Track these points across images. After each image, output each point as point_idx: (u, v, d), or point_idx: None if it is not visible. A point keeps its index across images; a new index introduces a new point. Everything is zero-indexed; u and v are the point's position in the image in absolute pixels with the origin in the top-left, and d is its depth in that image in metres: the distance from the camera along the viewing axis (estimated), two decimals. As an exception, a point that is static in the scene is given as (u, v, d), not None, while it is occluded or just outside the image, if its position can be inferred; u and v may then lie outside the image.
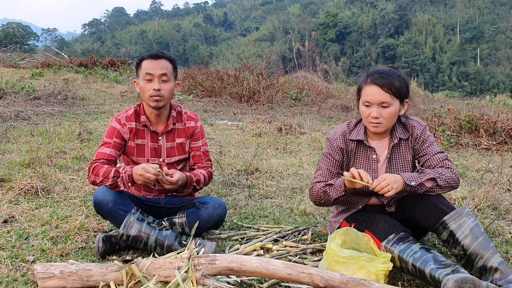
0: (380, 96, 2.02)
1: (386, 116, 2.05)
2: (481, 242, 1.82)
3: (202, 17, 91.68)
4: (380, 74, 2.06)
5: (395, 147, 2.17)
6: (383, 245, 1.92)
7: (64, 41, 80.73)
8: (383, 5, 71.67)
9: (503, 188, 3.44)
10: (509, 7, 64.62)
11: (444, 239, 1.91)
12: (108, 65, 14.20)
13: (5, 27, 46.60)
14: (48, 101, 7.27)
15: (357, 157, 2.20)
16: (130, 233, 2.11)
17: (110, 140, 2.35)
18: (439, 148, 2.15)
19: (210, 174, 2.47)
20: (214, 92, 9.73)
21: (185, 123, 2.48)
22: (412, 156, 2.18)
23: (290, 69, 45.28)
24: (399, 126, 2.18)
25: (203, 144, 2.51)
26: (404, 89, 2.07)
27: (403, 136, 2.16)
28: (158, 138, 2.41)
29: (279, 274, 1.70)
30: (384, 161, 2.17)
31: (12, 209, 2.66)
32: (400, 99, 2.07)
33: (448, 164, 2.07)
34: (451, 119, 6.07)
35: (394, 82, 2.03)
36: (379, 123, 2.06)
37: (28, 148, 4.05)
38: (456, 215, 1.89)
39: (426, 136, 2.15)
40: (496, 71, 52.44)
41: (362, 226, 2.06)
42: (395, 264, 1.88)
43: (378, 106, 2.04)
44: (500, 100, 13.35)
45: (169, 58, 2.36)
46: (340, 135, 2.21)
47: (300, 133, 5.91)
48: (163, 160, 2.41)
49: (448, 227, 1.88)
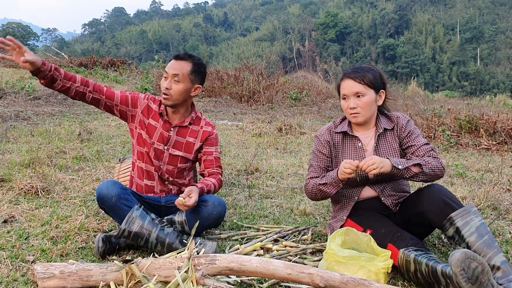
0: (354, 87, 2.19)
1: (362, 105, 2.19)
2: (486, 240, 1.85)
3: (202, 17, 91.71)
4: (353, 69, 2.26)
5: (381, 137, 2.26)
6: (402, 251, 1.92)
7: (64, 41, 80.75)
8: (383, 5, 71.71)
9: (503, 188, 3.44)
10: (509, 7, 64.61)
11: (450, 236, 1.94)
12: (108, 65, 14.19)
13: (5, 27, 46.68)
14: (48, 101, 7.27)
15: (345, 148, 2.30)
16: (132, 229, 2.10)
17: (126, 93, 2.47)
18: (425, 140, 2.23)
19: (220, 182, 2.48)
20: (214, 92, 9.73)
21: (202, 126, 2.51)
22: (398, 145, 2.26)
23: (290, 69, 45.32)
24: (383, 118, 2.30)
25: (215, 151, 2.53)
26: (378, 81, 2.22)
27: (387, 126, 2.27)
28: (170, 128, 2.44)
29: (279, 274, 1.70)
30: (371, 151, 2.26)
31: (12, 209, 2.66)
32: (375, 89, 2.21)
33: (434, 154, 2.16)
34: (451, 119, 6.07)
35: (366, 74, 2.20)
36: (357, 113, 2.20)
37: (28, 148, 4.05)
38: (463, 212, 1.92)
39: (412, 128, 2.25)
40: (496, 71, 52.42)
41: (386, 239, 2.03)
42: (409, 268, 1.87)
43: (354, 97, 2.20)
44: (500, 100, 13.36)
45: (192, 61, 2.37)
46: (326, 130, 2.35)
47: (300, 133, 5.91)
48: (167, 148, 2.43)
49: (455, 223, 1.91)
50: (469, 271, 1.58)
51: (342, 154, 2.29)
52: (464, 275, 1.58)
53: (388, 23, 66.03)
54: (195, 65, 2.37)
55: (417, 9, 70.76)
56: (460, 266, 1.58)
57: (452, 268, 1.60)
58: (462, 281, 1.58)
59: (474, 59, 57.23)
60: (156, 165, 2.42)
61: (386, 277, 1.87)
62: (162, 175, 2.44)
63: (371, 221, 2.14)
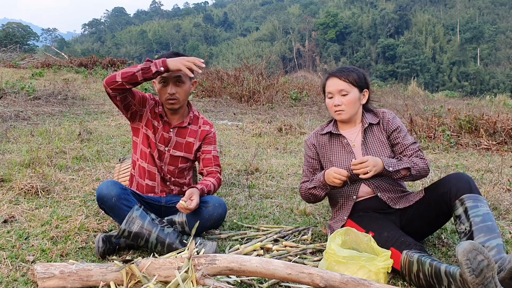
0: (338, 85, 2.27)
1: (346, 102, 2.26)
2: (489, 225, 1.89)
3: (202, 17, 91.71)
4: (338, 69, 2.35)
5: (367, 132, 2.33)
6: (405, 252, 1.92)
7: (64, 41, 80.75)
8: (383, 5, 71.71)
9: (503, 188, 3.43)
10: (509, 7, 64.61)
11: (458, 215, 1.99)
12: (108, 65, 14.20)
13: (5, 27, 46.59)
14: (48, 101, 7.27)
15: (332, 147, 2.36)
16: (132, 229, 2.10)
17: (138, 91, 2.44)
18: (412, 139, 2.31)
19: (219, 181, 2.49)
20: (214, 92, 9.72)
21: (200, 126, 2.52)
22: (386, 138, 2.31)
23: (290, 69, 45.31)
24: (368, 114, 2.37)
25: (214, 149, 2.53)
26: (362, 80, 2.31)
27: (373, 121, 2.33)
28: (170, 129, 2.44)
29: (279, 274, 1.70)
30: (359, 145, 2.31)
31: (12, 209, 2.66)
32: (359, 88, 2.29)
33: (421, 154, 2.25)
34: (451, 119, 6.07)
35: (350, 73, 2.29)
36: (342, 110, 2.27)
37: (28, 148, 4.05)
38: (476, 197, 2.00)
39: (399, 124, 2.31)
40: (496, 71, 52.40)
41: (388, 243, 2.03)
42: (411, 269, 1.86)
43: (339, 95, 2.27)
44: (500, 100, 13.36)
45: None
46: (313, 134, 2.45)
47: (300, 133, 5.91)
48: (168, 150, 2.44)
49: (465, 203, 1.98)
50: (474, 262, 1.57)
51: (330, 153, 2.36)
52: (469, 265, 1.56)
53: (388, 23, 66.04)
54: None
55: (417, 9, 70.76)
56: (466, 256, 1.57)
57: (458, 257, 1.58)
58: (467, 271, 1.56)
59: (474, 59, 57.23)
60: (158, 165, 2.43)
61: (386, 277, 1.87)
62: (164, 175, 2.45)
63: (373, 223, 2.14)
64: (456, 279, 1.65)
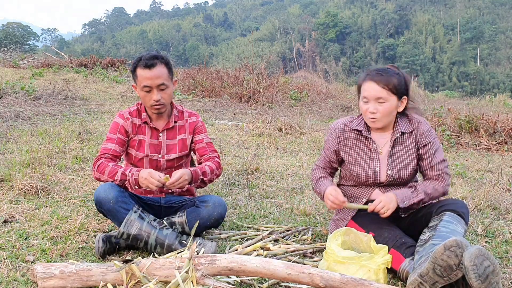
0: (376, 92, 2.09)
1: (382, 111, 2.10)
2: (449, 235, 1.84)
3: (202, 17, 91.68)
4: (378, 71, 2.13)
5: (397, 141, 2.20)
6: (407, 260, 1.91)
7: (64, 41, 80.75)
8: (383, 5, 71.70)
9: (503, 188, 3.44)
10: (509, 7, 64.60)
11: (430, 225, 1.98)
12: (108, 65, 14.19)
13: (5, 27, 46.58)
14: (48, 101, 7.27)
15: (359, 148, 2.25)
16: (130, 232, 2.10)
17: (114, 136, 2.37)
18: (441, 156, 2.18)
19: (218, 164, 2.45)
20: (214, 92, 9.72)
21: (187, 119, 2.51)
22: (415, 150, 2.20)
23: (290, 69, 45.25)
24: (402, 120, 2.21)
25: (205, 137, 2.53)
26: (403, 87, 2.13)
27: (406, 130, 2.19)
28: (159, 134, 2.43)
29: (279, 274, 1.70)
30: (386, 154, 2.20)
31: (12, 209, 2.66)
32: (398, 96, 2.12)
33: (446, 177, 2.16)
34: (451, 119, 6.07)
35: (391, 79, 2.09)
36: (376, 118, 2.12)
37: (28, 148, 4.05)
38: (458, 218, 1.96)
39: (432, 139, 2.18)
40: (496, 71, 52.42)
41: (389, 244, 2.03)
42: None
43: (375, 102, 2.10)
44: (500, 100, 13.33)
45: (162, 62, 2.31)
46: (340, 126, 2.29)
47: (300, 133, 5.91)
48: (162, 156, 2.43)
49: (442, 217, 1.96)
50: (480, 268, 1.57)
51: (355, 154, 2.25)
52: (475, 270, 1.56)
53: (388, 23, 66.05)
54: (167, 64, 2.34)
55: (417, 9, 70.75)
56: (473, 261, 1.57)
57: (465, 262, 1.58)
58: (473, 277, 1.56)
59: (474, 59, 57.23)
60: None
61: (386, 277, 1.87)
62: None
63: (374, 224, 2.12)
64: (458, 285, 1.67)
